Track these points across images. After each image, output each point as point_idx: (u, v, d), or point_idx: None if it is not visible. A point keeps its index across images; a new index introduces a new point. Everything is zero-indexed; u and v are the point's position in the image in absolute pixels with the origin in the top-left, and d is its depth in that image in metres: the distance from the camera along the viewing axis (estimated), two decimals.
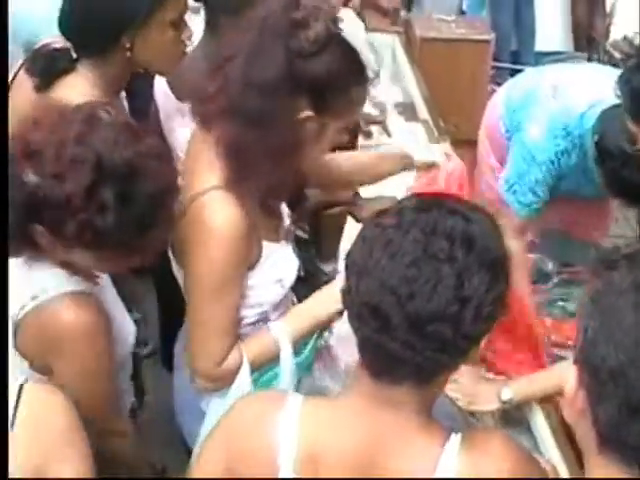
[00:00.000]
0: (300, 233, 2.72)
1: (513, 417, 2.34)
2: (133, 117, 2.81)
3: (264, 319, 2.08)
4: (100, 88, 2.26)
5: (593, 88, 2.76)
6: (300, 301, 2.19)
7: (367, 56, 2.03)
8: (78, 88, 2.23)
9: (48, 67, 2.27)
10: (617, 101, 2.56)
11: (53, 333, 1.75)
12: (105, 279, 1.97)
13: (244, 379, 1.98)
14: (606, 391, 1.08)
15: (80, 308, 1.76)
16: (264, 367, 2.05)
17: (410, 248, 1.33)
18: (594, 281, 1.14)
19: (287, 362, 2.01)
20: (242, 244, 1.89)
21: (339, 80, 1.86)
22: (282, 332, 2.02)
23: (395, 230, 1.36)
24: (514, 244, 2.77)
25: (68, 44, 2.28)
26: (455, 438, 1.40)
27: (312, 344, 2.12)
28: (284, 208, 2.14)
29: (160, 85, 2.71)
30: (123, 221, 1.65)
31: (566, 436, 2.18)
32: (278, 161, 1.88)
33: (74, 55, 2.28)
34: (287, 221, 2.14)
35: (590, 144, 2.65)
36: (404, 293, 1.31)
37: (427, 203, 1.41)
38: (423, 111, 3.79)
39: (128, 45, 2.23)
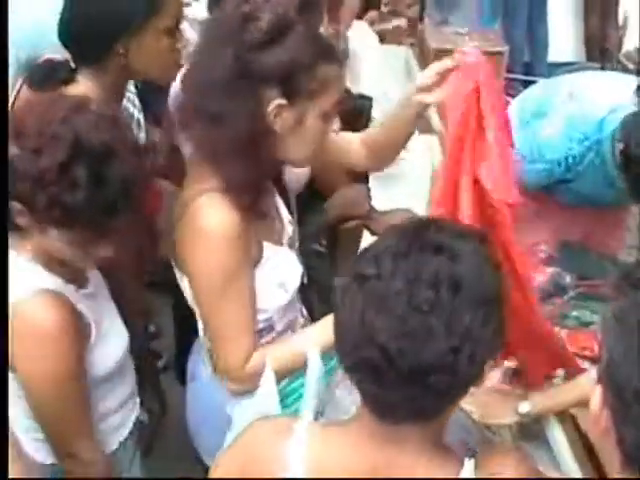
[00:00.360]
0: (317, 246, 2.72)
1: (530, 430, 2.33)
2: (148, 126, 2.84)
3: (269, 327, 2.08)
4: (100, 97, 2.26)
5: (611, 93, 2.75)
6: (310, 313, 2.19)
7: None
8: None
9: (48, 78, 2.30)
10: (636, 107, 2.56)
11: (15, 329, 1.73)
12: (99, 285, 1.99)
13: (269, 383, 1.96)
14: (631, 412, 1.07)
15: (46, 306, 1.77)
16: (290, 375, 2.03)
17: (394, 301, 1.27)
18: (618, 298, 1.13)
19: (314, 371, 1.96)
20: (239, 243, 1.90)
21: (302, 63, 1.85)
22: (309, 341, 1.98)
23: (375, 282, 1.30)
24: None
25: (68, 57, 2.32)
26: (468, 464, 1.38)
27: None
28: (286, 215, 2.14)
29: (174, 91, 2.70)
30: (92, 201, 1.69)
31: (584, 449, 2.17)
32: (246, 157, 1.88)
33: (73, 66, 2.32)
34: (290, 228, 2.14)
35: (609, 149, 2.64)
36: (393, 349, 1.26)
37: (407, 243, 1.33)
38: (437, 123, 3.78)
39: (122, 52, 2.26)
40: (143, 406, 2.23)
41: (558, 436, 2.27)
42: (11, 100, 2.42)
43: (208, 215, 1.89)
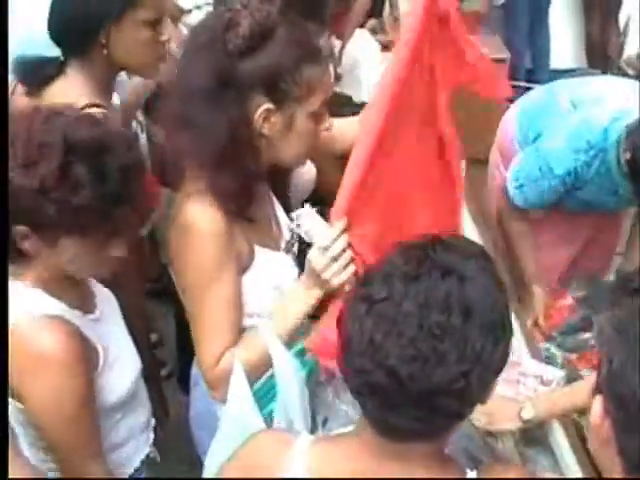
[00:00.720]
0: None
1: (533, 436, 2.33)
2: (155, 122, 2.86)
3: None
4: (88, 89, 2.32)
5: (614, 100, 2.76)
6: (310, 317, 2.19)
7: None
8: (67, 90, 2.31)
9: (37, 72, 2.34)
10: (635, 113, 2.56)
11: (21, 356, 1.69)
12: (107, 310, 1.95)
13: (240, 383, 1.92)
14: (635, 420, 1.06)
15: (53, 332, 1.72)
16: (262, 372, 1.98)
17: (405, 325, 1.26)
18: (614, 307, 1.13)
19: (282, 363, 1.93)
20: (221, 242, 1.90)
21: (285, 66, 1.86)
22: (269, 330, 1.95)
23: (385, 304, 1.29)
24: (519, 225, 2.83)
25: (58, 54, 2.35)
26: (471, 475, 1.39)
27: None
28: (285, 220, 2.15)
29: None
30: (98, 195, 1.67)
31: (587, 455, 2.17)
32: (231, 165, 1.89)
33: (62, 59, 2.35)
34: (288, 234, 2.14)
35: (614, 157, 2.64)
36: (404, 374, 1.25)
37: (416, 265, 1.32)
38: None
39: (104, 42, 2.29)
40: None
41: (561, 442, 2.27)
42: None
43: (193, 214, 1.89)
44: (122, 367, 1.93)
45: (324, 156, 2.32)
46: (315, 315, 1.99)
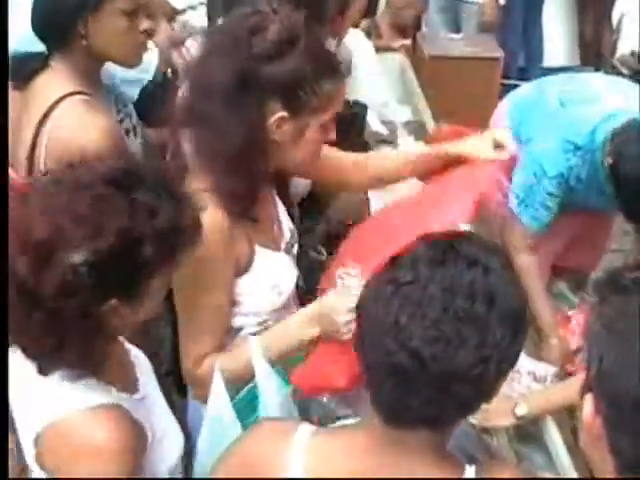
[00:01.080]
0: (315, 255, 2.73)
1: (528, 433, 2.35)
2: (149, 125, 2.87)
3: (264, 329, 2.07)
4: (74, 80, 2.32)
5: (603, 100, 2.76)
6: None
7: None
8: (51, 82, 2.32)
9: (23, 66, 2.34)
10: (628, 114, 2.57)
11: (70, 450, 1.58)
12: (147, 381, 1.82)
13: (218, 388, 1.93)
14: (626, 419, 1.07)
15: (106, 422, 1.58)
16: (243, 379, 1.98)
17: (429, 307, 1.29)
18: (603, 307, 1.12)
19: (263, 377, 1.95)
20: (224, 242, 1.89)
21: (307, 77, 1.87)
22: (256, 345, 1.96)
23: (411, 287, 1.32)
24: (525, 258, 2.80)
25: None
26: (470, 470, 1.41)
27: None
28: (287, 222, 2.17)
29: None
30: (159, 243, 1.54)
31: (581, 453, 2.18)
32: (241, 166, 1.89)
33: (46, 52, 2.35)
34: (288, 234, 2.16)
35: (600, 159, 2.65)
36: (427, 355, 1.27)
37: (442, 252, 1.35)
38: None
39: (83, 32, 2.29)
40: None
41: (556, 439, 2.29)
42: None
43: None
44: (167, 445, 1.80)
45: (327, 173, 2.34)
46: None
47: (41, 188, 1.55)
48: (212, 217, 1.85)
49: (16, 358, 1.59)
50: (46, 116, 2.28)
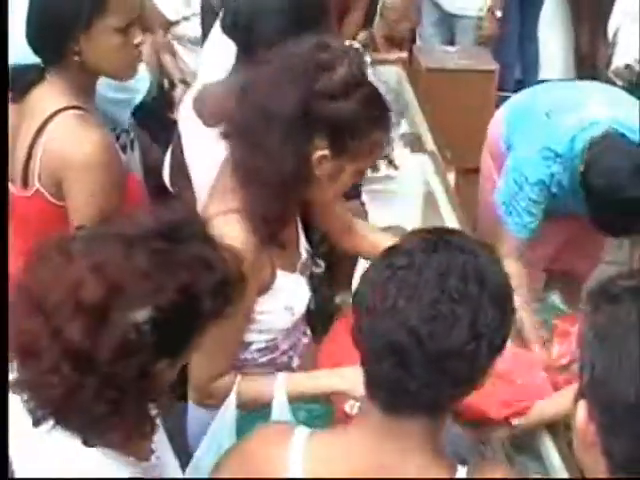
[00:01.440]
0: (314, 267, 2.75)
1: (523, 443, 2.36)
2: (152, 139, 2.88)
3: (273, 347, 2.13)
4: (69, 94, 2.34)
5: (587, 108, 2.79)
6: (313, 332, 2.22)
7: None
8: (49, 95, 2.34)
9: (20, 78, 2.36)
10: (609, 123, 2.59)
11: None
12: (162, 447, 1.71)
13: (229, 408, 2.01)
14: (621, 425, 1.09)
15: None
16: (253, 407, 2.05)
17: (425, 289, 1.38)
18: (596, 315, 1.15)
19: (279, 409, 2.01)
20: (250, 269, 1.88)
21: (359, 125, 1.90)
22: (282, 381, 2.03)
23: (407, 271, 1.41)
24: (513, 265, 2.82)
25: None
26: (462, 470, 1.44)
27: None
28: (302, 242, 2.20)
29: (186, 112, 2.74)
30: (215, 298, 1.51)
31: (576, 462, 2.19)
32: (277, 192, 1.92)
33: (42, 65, 2.38)
34: (305, 255, 2.19)
35: (577, 166, 2.68)
36: (424, 333, 1.36)
37: (434, 242, 1.45)
38: (429, 142, 3.82)
39: (77, 50, 2.30)
40: None
41: (550, 448, 2.30)
42: None
43: (223, 232, 1.88)
44: None
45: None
46: None
47: (84, 244, 1.46)
48: (240, 240, 1.88)
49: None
50: (41, 129, 2.30)
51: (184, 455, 2.24)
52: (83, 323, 1.37)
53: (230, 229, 1.90)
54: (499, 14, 5.44)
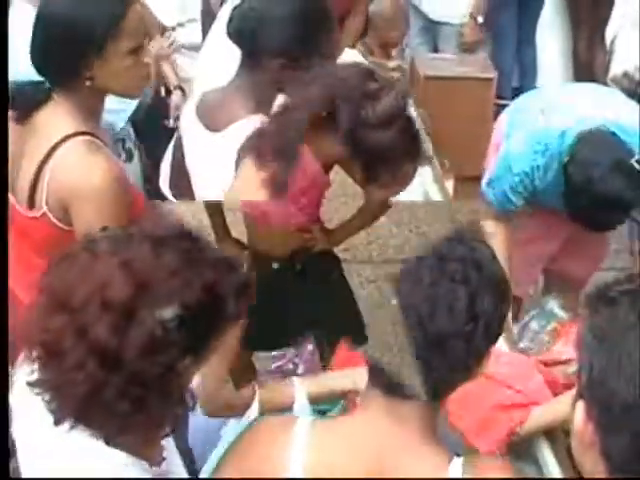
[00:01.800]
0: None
1: (520, 450, 2.36)
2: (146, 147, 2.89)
3: (281, 355, 2.16)
4: (76, 116, 2.32)
5: (580, 107, 2.82)
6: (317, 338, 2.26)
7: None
8: (57, 119, 2.31)
9: (25, 98, 2.34)
10: (602, 123, 2.60)
11: None
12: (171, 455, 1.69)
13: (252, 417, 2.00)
14: (619, 424, 1.10)
15: None
16: (276, 410, 2.05)
17: (427, 272, 1.47)
18: (594, 317, 1.16)
19: (301, 411, 2.01)
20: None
21: (394, 156, 1.96)
22: (301, 386, 2.05)
23: (409, 264, 1.51)
24: (493, 225, 2.87)
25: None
26: (457, 460, 1.48)
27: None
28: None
29: (188, 117, 2.75)
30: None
31: (573, 468, 2.19)
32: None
33: (48, 85, 2.34)
34: None
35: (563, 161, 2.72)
36: (425, 312, 1.43)
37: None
38: (428, 149, 3.82)
39: (89, 75, 2.29)
40: None
41: (547, 455, 2.31)
42: None
43: None
44: None
45: None
46: None
47: (110, 243, 1.47)
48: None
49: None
50: (50, 154, 2.26)
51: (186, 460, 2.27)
52: (110, 321, 1.38)
53: None
54: (481, 20, 5.43)
